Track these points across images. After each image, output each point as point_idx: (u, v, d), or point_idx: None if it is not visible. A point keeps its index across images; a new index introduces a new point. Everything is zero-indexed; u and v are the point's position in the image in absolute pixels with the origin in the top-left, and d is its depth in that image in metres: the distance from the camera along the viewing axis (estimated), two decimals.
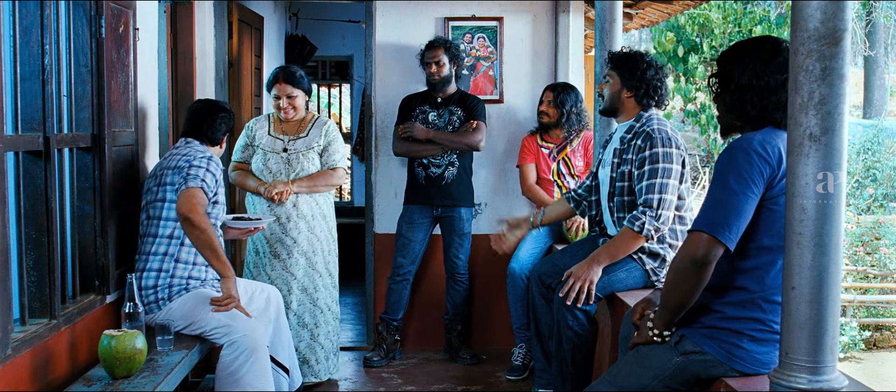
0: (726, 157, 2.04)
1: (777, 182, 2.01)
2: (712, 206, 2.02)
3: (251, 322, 3.06)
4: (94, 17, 2.88)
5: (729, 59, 2.15)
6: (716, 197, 2.02)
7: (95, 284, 2.97)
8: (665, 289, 2.14)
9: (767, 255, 2.06)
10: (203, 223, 3.06)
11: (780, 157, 2.01)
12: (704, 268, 2.02)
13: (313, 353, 4.01)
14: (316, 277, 4.01)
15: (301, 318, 3.99)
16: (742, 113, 2.12)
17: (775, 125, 2.08)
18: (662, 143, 2.95)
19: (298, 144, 3.96)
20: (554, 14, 4.70)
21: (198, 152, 3.21)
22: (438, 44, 4.33)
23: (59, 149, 2.71)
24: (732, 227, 1.99)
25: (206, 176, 3.14)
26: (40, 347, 2.49)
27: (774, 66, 2.05)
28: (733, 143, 2.07)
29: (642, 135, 3.01)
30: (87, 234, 2.95)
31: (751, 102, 2.09)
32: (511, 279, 4.20)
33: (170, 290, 3.10)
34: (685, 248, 2.05)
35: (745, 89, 2.09)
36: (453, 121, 4.40)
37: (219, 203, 3.26)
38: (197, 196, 3.07)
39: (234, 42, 4.87)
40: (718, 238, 1.98)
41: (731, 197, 1.99)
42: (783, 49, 2.07)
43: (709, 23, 15.18)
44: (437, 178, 4.37)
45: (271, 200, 3.87)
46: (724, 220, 1.99)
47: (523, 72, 4.72)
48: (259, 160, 3.96)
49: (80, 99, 2.89)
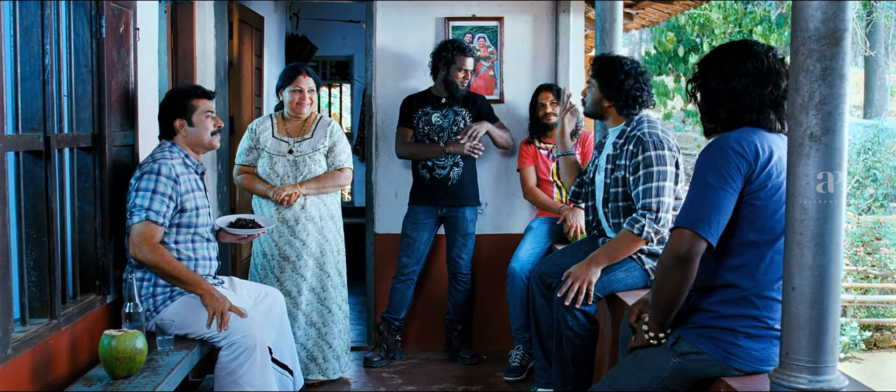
0: (704, 156, 2.08)
1: (756, 177, 2.05)
2: (692, 203, 2.06)
3: (248, 321, 3.05)
4: (94, 17, 2.88)
5: (702, 64, 2.22)
6: (695, 194, 2.06)
7: (96, 284, 2.97)
8: (653, 289, 2.16)
9: (754, 250, 2.08)
10: (154, 259, 2.96)
11: (757, 153, 2.05)
12: (689, 264, 2.04)
13: (321, 352, 4.02)
14: (325, 278, 4.01)
15: (309, 318, 3.99)
16: (713, 115, 2.19)
17: (752, 125, 2.12)
18: (654, 147, 2.97)
19: (304, 146, 3.95)
20: (554, 14, 4.69)
21: (142, 171, 3.03)
22: (469, 52, 4.31)
23: (59, 149, 2.71)
24: (712, 223, 2.02)
25: (150, 200, 2.97)
26: (41, 347, 2.49)
27: (742, 70, 2.11)
28: (712, 142, 2.13)
29: (633, 139, 3.03)
30: (88, 234, 2.95)
31: (720, 105, 2.15)
32: (510, 279, 4.20)
33: (154, 301, 3.07)
34: (669, 246, 2.09)
35: (714, 93, 2.16)
36: (458, 121, 4.39)
37: (187, 210, 3.11)
38: (142, 233, 2.96)
39: (234, 42, 4.87)
40: (700, 233, 2.02)
41: (710, 193, 2.03)
42: (752, 53, 2.13)
43: (709, 23, 15.17)
44: (442, 180, 4.37)
45: (280, 204, 3.87)
46: (704, 216, 2.02)
47: (523, 72, 4.72)
48: (265, 164, 3.96)
49: (81, 99, 2.89)
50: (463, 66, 4.29)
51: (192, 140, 3.21)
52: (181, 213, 3.10)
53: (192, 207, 3.14)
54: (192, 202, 3.15)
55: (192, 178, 3.20)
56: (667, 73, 16.55)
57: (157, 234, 3.00)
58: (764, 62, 2.12)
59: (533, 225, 4.38)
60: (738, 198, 2.04)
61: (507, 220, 4.74)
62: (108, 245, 2.99)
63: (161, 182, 3.01)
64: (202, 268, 3.20)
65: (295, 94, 3.96)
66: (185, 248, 3.14)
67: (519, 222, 4.69)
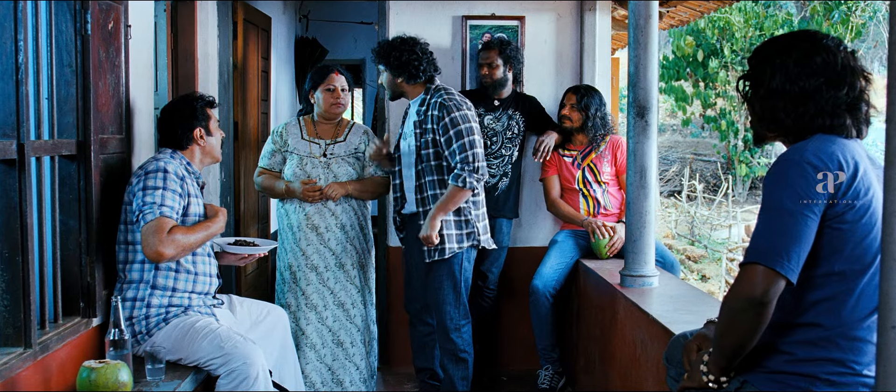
0: (776, 175, 1.74)
1: (841, 196, 1.71)
2: (765, 232, 1.72)
3: (248, 346, 2.77)
4: (78, 12, 2.61)
5: (759, 59, 1.87)
6: (768, 222, 1.72)
7: (80, 306, 2.70)
8: (718, 330, 1.83)
9: (841, 284, 1.75)
10: (176, 247, 2.69)
11: (841, 166, 1.71)
12: (764, 308, 1.71)
13: (347, 374, 3.71)
14: (354, 292, 3.72)
15: (336, 335, 3.70)
16: (774, 121, 1.85)
17: (825, 131, 1.79)
18: (457, 108, 3.38)
19: (337, 149, 3.68)
20: (579, 13, 4.40)
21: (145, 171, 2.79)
22: (493, 45, 4.04)
23: (37, 157, 2.44)
24: (792, 255, 1.69)
25: (162, 197, 2.72)
26: (10, 381, 2.20)
27: (811, 67, 1.78)
28: (783, 156, 1.78)
29: (436, 105, 3.42)
30: (72, 250, 2.68)
31: (784, 110, 1.81)
32: (534, 297, 3.91)
33: (147, 323, 2.80)
34: (739, 286, 1.74)
35: (776, 95, 1.82)
36: (512, 126, 4.11)
37: (190, 214, 2.86)
38: (156, 229, 2.66)
39: (238, 43, 4.61)
40: (777, 269, 1.68)
41: (786, 220, 1.69)
42: (822, 47, 1.79)
43: (729, 27, 14.82)
44: (490, 189, 4.07)
45: (305, 200, 3.60)
46: (781, 248, 1.69)
47: (546, 74, 4.42)
48: (294, 165, 3.67)
49: (64, 102, 2.62)
50: (485, 61, 4.03)
51: (207, 151, 3.02)
52: (185, 218, 2.85)
53: (195, 214, 2.90)
54: (196, 207, 2.91)
55: (194, 185, 2.97)
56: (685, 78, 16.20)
57: (168, 227, 2.71)
58: (837, 58, 1.80)
59: (557, 238, 4.08)
60: (820, 222, 1.71)
61: (528, 233, 4.43)
62: (94, 263, 2.72)
63: (169, 179, 2.77)
64: (201, 285, 2.94)
65: (328, 93, 3.67)
66: (185, 260, 2.88)
67: (542, 235, 4.39)
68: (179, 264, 2.85)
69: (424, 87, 3.51)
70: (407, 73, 3.46)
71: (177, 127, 2.94)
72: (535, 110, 4.20)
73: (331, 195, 3.59)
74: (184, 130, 2.94)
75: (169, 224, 2.71)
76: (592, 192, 4.05)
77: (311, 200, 3.60)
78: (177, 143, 2.95)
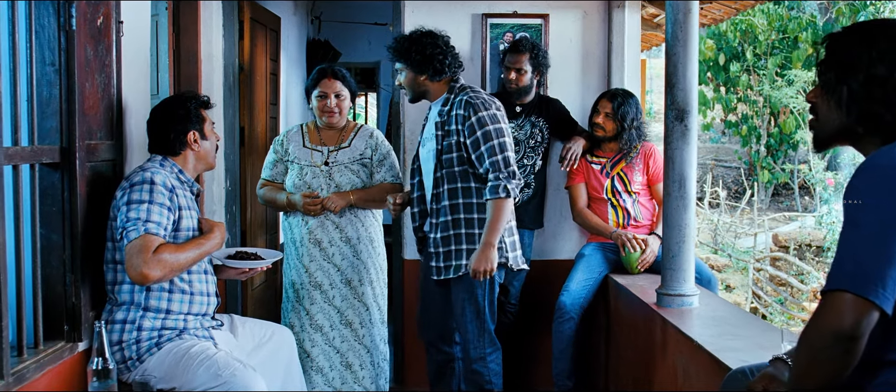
0: (864, 185, 1.47)
1: None
2: (853, 255, 1.44)
3: (248, 374, 2.51)
4: (62, 6, 2.36)
5: (856, 40, 1.57)
6: (857, 241, 1.45)
7: (64, 330, 2.45)
8: (796, 371, 1.54)
9: None
10: (162, 269, 2.43)
11: None
12: (854, 343, 1.43)
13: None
14: (362, 310, 3.46)
15: (345, 357, 3.44)
16: (869, 115, 1.55)
17: None
18: (485, 107, 3.04)
19: (340, 156, 3.43)
20: (607, 11, 4.12)
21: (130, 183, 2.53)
22: (523, 48, 3.73)
23: (14, 165, 2.20)
24: (888, 282, 1.41)
25: (147, 212, 2.46)
26: None
27: None
28: (867, 163, 1.50)
29: (460, 104, 3.07)
30: (55, 268, 2.43)
31: (885, 102, 1.53)
32: (559, 315, 3.63)
33: (138, 347, 2.54)
34: (823, 318, 1.46)
35: (879, 83, 1.53)
36: (535, 134, 3.84)
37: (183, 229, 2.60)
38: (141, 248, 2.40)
39: (245, 44, 4.37)
40: (870, 298, 1.40)
41: (880, 239, 1.42)
42: None
43: (752, 29, 14.44)
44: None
45: (307, 213, 3.35)
46: (874, 273, 1.41)
47: (572, 75, 4.14)
48: (295, 175, 3.44)
49: (45, 105, 2.38)
50: (514, 65, 3.72)
51: (202, 156, 2.76)
52: (176, 233, 2.59)
53: (187, 228, 2.63)
54: (189, 221, 2.64)
55: (187, 196, 2.69)
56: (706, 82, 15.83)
57: (156, 244, 2.45)
58: None
59: (585, 251, 3.80)
60: None
61: (554, 244, 4.15)
62: (80, 281, 2.47)
63: (156, 192, 2.50)
64: (198, 305, 2.68)
65: (319, 100, 3.44)
66: (180, 279, 2.62)
67: (568, 247, 4.11)
68: (173, 284, 2.59)
69: (448, 85, 3.16)
70: (431, 68, 3.10)
71: (169, 131, 2.67)
72: (560, 115, 3.92)
73: (330, 207, 3.34)
74: (176, 134, 2.67)
75: (155, 242, 2.44)
76: (622, 202, 3.77)
77: (312, 214, 3.35)
78: (168, 148, 2.69)
